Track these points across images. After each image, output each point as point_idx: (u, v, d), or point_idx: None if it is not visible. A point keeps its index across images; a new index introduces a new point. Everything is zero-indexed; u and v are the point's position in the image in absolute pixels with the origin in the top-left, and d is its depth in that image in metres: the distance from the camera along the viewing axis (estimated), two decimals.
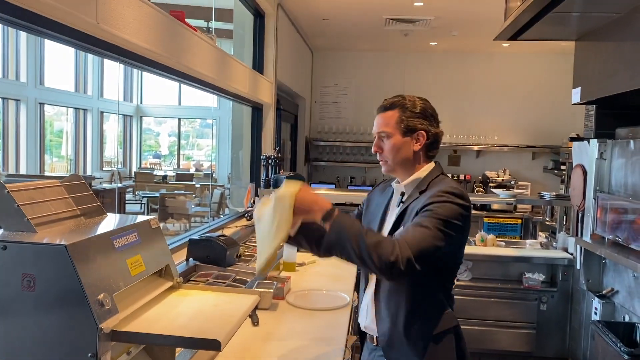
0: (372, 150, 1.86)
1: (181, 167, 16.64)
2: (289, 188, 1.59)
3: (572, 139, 4.10)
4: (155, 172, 13.87)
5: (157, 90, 16.08)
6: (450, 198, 1.64)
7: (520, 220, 6.57)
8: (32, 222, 1.15)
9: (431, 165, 1.85)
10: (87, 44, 2.06)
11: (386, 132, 1.80)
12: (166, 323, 1.21)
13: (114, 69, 13.99)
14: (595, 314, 3.63)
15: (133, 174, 13.42)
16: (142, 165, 15.77)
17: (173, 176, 13.35)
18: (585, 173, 3.87)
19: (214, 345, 1.11)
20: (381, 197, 1.94)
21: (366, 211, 2.00)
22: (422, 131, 1.79)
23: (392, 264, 1.49)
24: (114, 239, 1.21)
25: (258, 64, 4.99)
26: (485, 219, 6.55)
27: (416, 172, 1.82)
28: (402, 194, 1.84)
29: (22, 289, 1.05)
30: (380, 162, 1.86)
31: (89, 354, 1.04)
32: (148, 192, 10.12)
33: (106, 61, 13.46)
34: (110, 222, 1.35)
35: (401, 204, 1.80)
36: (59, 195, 1.32)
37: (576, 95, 3.78)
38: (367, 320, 1.85)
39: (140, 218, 1.41)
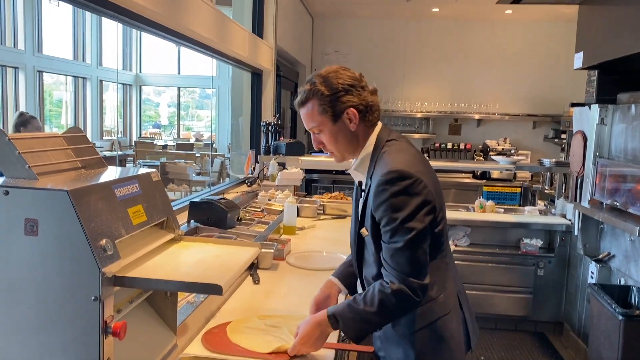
0: (315, 147, 1.71)
1: (181, 137, 16.60)
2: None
3: (573, 105, 4.08)
4: (155, 142, 13.85)
5: (156, 59, 15.93)
6: (392, 189, 1.50)
7: (519, 188, 6.58)
8: (34, 170, 1.16)
9: (375, 133, 1.67)
10: (87, 0, 2.04)
11: (315, 126, 1.64)
12: (168, 270, 1.23)
13: (112, 36, 13.81)
14: (592, 278, 3.68)
15: (133, 144, 13.39)
16: (142, 135, 15.73)
17: (173, 146, 13.33)
18: (585, 139, 3.87)
19: (216, 290, 1.13)
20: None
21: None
22: (350, 108, 1.60)
23: (414, 304, 1.54)
24: (115, 188, 1.22)
25: (258, 29, 4.94)
26: (485, 188, 6.56)
27: (363, 150, 1.66)
28: (361, 183, 1.71)
29: (25, 233, 1.06)
30: (330, 156, 1.72)
31: (93, 297, 1.06)
32: (149, 160, 10.13)
33: (105, 28, 13.17)
34: (111, 173, 1.36)
35: (362, 194, 1.67)
36: (59, 146, 1.32)
37: (578, 60, 3.75)
38: None
39: (142, 170, 1.42)
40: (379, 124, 1.69)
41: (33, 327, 1.08)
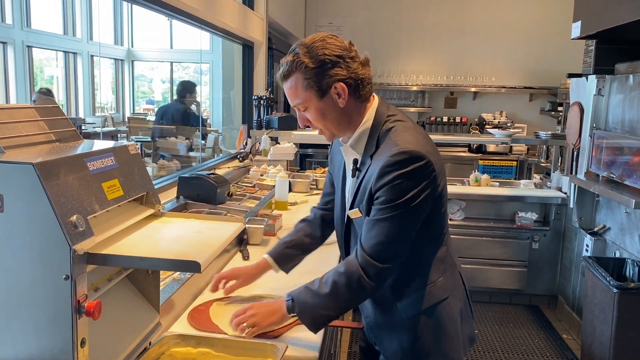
0: (300, 125, 1.57)
1: None
2: None
3: (570, 75, 4.01)
4: (148, 118, 13.71)
5: (148, 33, 15.67)
6: (400, 171, 1.38)
7: (515, 162, 6.57)
8: (0, 143, 1.09)
9: (373, 107, 1.53)
10: None
11: (299, 103, 1.48)
12: (146, 247, 1.17)
13: (102, 9, 13.55)
14: (587, 250, 3.66)
15: (127, 120, 13.26)
16: (136, 111, 15.56)
17: None
18: (582, 111, 3.80)
19: (194, 268, 1.07)
20: (339, 156, 1.68)
21: (334, 175, 1.78)
22: (339, 82, 1.44)
23: (364, 289, 1.43)
24: (88, 161, 1.15)
25: None
26: (481, 161, 6.54)
27: (360, 125, 1.52)
28: (356, 162, 1.56)
29: None
30: (319, 133, 1.57)
31: (64, 276, 1.01)
32: (142, 137, 10.01)
33: (94, 1, 12.87)
34: (86, 146, 1.29)
35: (357, 173, 1.54)
36: (31, 118, 1.25)
37: (576, 29, 3.66)
38: None
39: (119, 143, 1.35)
40: (376, 98, 1.56)
41: (1, 310, 1.03)
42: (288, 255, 1.82)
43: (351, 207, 1.56)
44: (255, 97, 4.73)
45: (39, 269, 1.01)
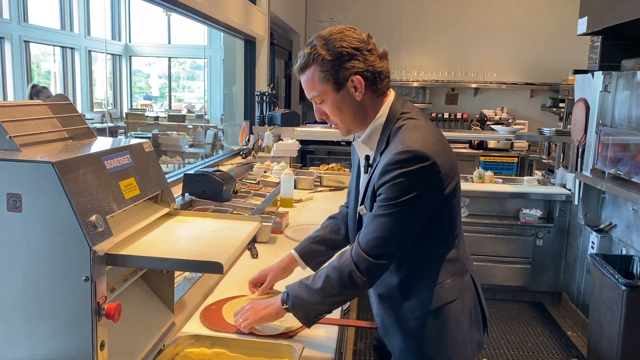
0: (317, 118, 1.55)
1: (172, 108, 16.36)
2: None
3: (576, 72, 3.98)
4: (146, 114, 13.65)
5: (146, 28, 15.59)
6: (402, 170, 1.36)
7: (516, 158, 6.54)
8: (16, 141, 1.07)
9: (387, 103, 1.51)
10: None
11: (316, 95, 1.48)
12: (164, 247, 1.15)
13: (100, 4, 13.46)
14: (592, 248, 3.65)
15: (124, 115, 13.20)
16: (134, 107, 15.48)
17: (165, 117, 13.14)
18: (587, 107, 3.79)
19: (216, 268, 1.05)
20: (356, 152, 1.67)
21: (352, 171, 1.76)
22: (355, 75, 1.44)
23: (355, 284, 1.40)
24: (105, 159, 1.13)
25: None
26: (482, 158, 6.51)
27: (373, 122, 1.50)
28: (368, 158, 1.55)
29: (7, 209, 0.97)
30: (334, 128, 1.56)
31: (83, 277, 0.98)
32: (140, 132, 9.97)
33: None
34: (100, 144, 1.27)
35: (369, 169, 1.52)
36: (44, 115, 1.23)
37: (582, 25, 3.64)
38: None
39: (133, 141, 1.33)
40: (392, 93, 1.53)
41: (20, 311, 1.01)
42: (314, 251, 1.79)
43: (361, 203, 1.55)
44: (258, 93, 4.70)
45: (58, 270, 0.99)
